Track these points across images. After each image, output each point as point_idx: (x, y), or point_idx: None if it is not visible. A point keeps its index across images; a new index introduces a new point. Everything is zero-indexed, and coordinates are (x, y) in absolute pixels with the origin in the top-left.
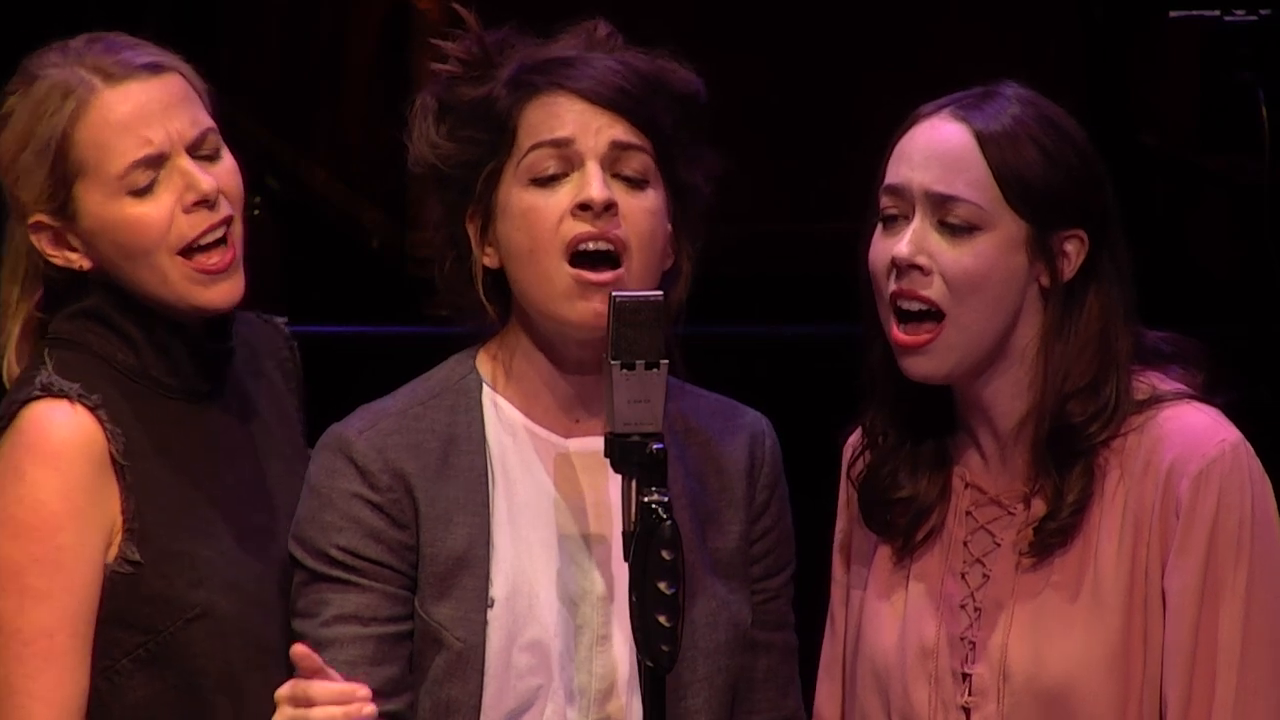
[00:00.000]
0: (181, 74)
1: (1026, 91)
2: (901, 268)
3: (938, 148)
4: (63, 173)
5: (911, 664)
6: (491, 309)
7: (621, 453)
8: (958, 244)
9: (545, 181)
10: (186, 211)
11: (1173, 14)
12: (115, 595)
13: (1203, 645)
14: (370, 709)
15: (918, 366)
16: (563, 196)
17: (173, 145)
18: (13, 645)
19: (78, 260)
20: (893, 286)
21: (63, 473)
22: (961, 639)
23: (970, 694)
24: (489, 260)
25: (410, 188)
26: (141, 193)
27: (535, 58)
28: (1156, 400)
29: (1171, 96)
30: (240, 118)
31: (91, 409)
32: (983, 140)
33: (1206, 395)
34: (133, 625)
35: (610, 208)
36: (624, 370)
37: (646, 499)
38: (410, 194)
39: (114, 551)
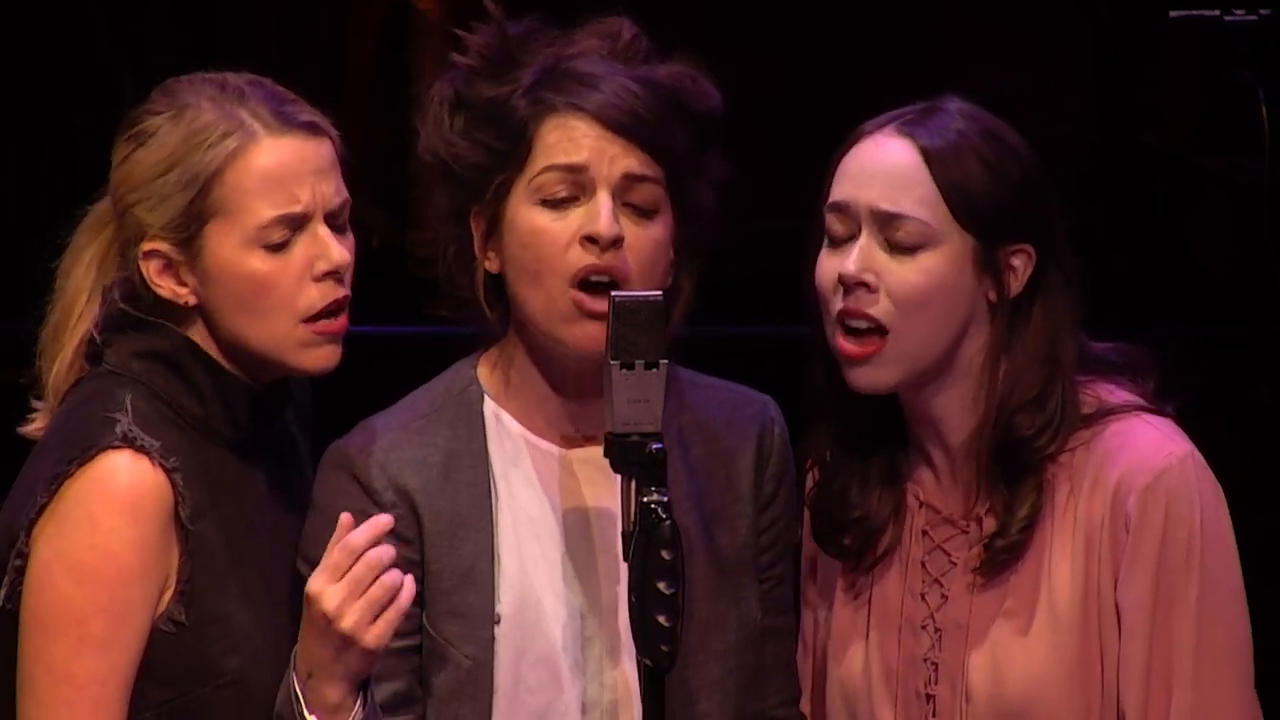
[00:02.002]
0: (332, 140)
1: (969, 106)
2: (849, 285)
3: (883, 165)
4: (200, 208)
5: (877, 686)
6: (491, 314)
7: (621, 453)
8: (905, 261)
9: (555, 204)
10: (316, 280)
11: (1173, 14)
12: (152, 650)
13: (1157, 659)
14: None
15: (863, 377)
16: (571, 221)
17: (315, 209)
18: (64, 690)
19: (185, 295)
20: (840, 305)
21: (139, 527)
22: (924, 660)
23: (935, 715)
24: (490, 265)
25: (411, 187)
26: (275, 248)
27: (557, 66)
28: (1104, 414)
29: (1171, 96)
30: None
31: (168, 471)
32: (928, 156)
33: (1157, 404)
34: (163, 681)
35: (617, 242)
36: (623, 370)
37: (646, 499)
38: (411, 193)
39: (160, 609)
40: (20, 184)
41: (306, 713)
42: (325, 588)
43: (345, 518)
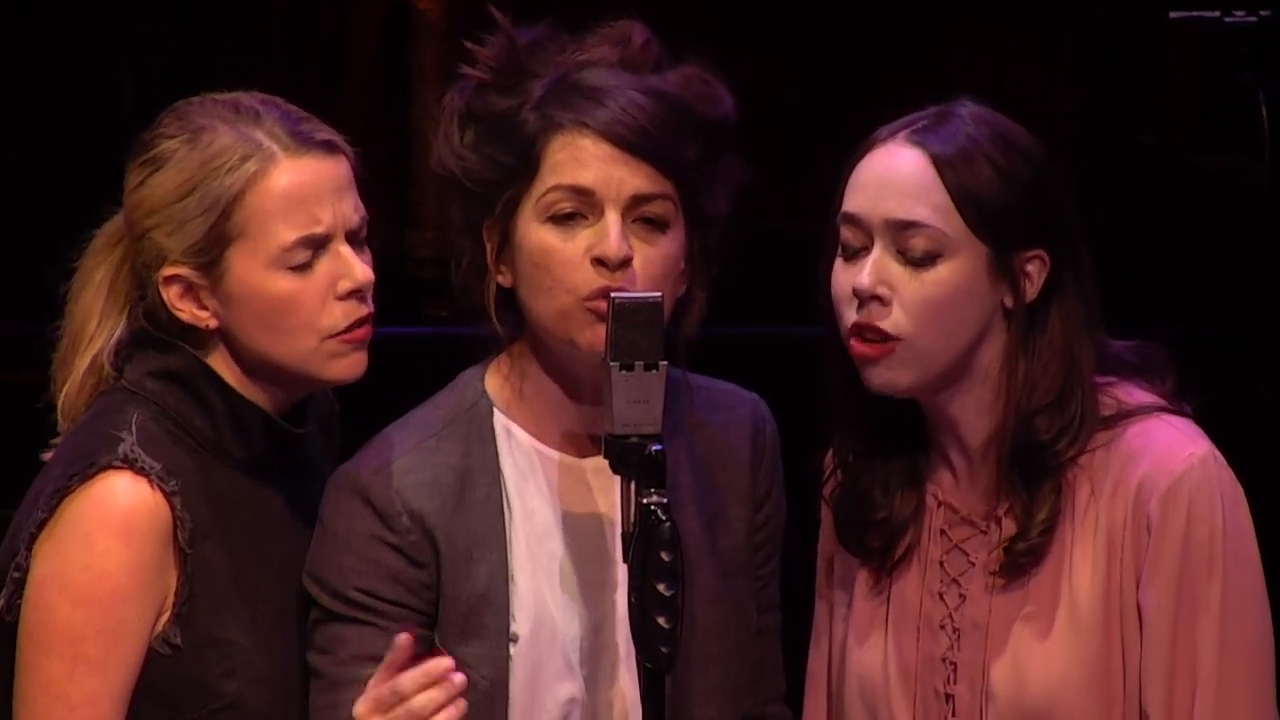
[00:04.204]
0: (348, 157)
1: (982, 110)
2: (862, 298)
3: (895, 174)
4: (221, 232)
5: (895, 685)
6: (502, 330)
7: (620, 454)
8: (919, 272)
9: (563, 220)
10: (340, 299)
11: (1173, 14)
12: (148, 670)
13: (1180, 660)
14: (459, 677)
15: (879, 376)
16: (580, 241)
17: (336, 228)
18: (57, 709)
19: (206, 319)
20: (854, 317)
21: (134, 548)
22: (943, 660)
23: (954, 715)
24: (503, 279)
25: (411, 188)
26: (298, 269)
27: (566, 79)
28: (1124, 415)
29: (1171, 96)
30: None
31: (167, 493)
32: (940, 164)
33: (1175, 404)
34: (159, 702)
35: (626, 262)
36: (623, 371)
37: (646, 500)
38: (411, 194)
39: (157, 630)
40: (20, 184)
41: None
42: (368, 718)
43: (403, 639)
